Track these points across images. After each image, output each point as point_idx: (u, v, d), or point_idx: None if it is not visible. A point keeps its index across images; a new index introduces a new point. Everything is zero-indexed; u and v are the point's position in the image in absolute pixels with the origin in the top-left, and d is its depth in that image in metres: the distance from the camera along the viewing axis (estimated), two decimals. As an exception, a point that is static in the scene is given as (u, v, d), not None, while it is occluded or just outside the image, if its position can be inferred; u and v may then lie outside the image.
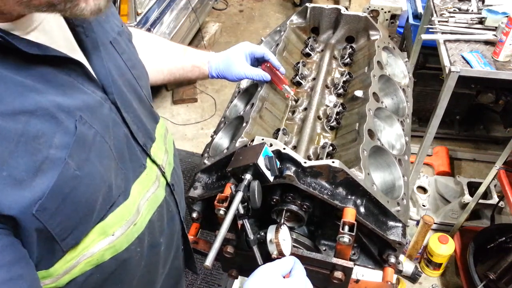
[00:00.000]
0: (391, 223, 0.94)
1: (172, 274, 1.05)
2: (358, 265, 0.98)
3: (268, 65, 1.19)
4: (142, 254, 0.85)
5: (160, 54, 1.22)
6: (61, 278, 0.71)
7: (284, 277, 0.80)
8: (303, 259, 0.92)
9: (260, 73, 1.17)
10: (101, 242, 0.75)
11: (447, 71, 1.93)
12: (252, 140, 0.94)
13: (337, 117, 1.15)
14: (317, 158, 1.05)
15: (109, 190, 0.73)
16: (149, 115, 0.93)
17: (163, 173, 0.93)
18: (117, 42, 0.86)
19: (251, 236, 0.85)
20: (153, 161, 0.89)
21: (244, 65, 1.18)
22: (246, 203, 0.83)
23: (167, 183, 0.95)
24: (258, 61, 1.23)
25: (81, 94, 0.70)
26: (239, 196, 0.82)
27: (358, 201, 0.91)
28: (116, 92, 0.78)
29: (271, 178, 0.86)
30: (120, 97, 0.80)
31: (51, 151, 0.62)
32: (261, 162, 0.84)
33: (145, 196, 0.85)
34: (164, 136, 1.00)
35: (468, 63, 1.94)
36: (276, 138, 1.05)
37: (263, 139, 0.92)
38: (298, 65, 1.33)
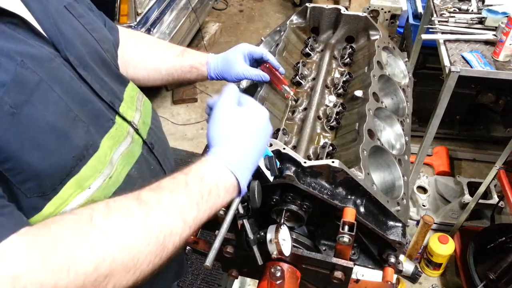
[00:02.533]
0: (391, 223, 0.94)
1: None
2: (358, 265, 0.98)
3: (267, 65, 1.19)
4: None
5: (158, 54, 1.23)
6: None
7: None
8: (303, 259, 0.92)
9: (259, 74, 1.17)
10: (79, 196, 0.77)
11: (447, 71, 1.93)
12: (252, 140, 0.94)
13: (337, 117, 1.15)
14: (317, 158, 1.05)
15: (66, 138, 0.74)
16: (115, 78, 0.96)
17: (136, 130, 0.95)
18: (73, 7, 0.91)
19: (251, 236, 0.85)
20: (123, 118, 0.92)
21: (243, 65, 1.18)
22: (246, 203, 0.83)
23: (144, 141, 0.97)
24: (257, 62, 1.23)
25: (25, 45, 0.72)
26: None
27: (358, 201, 0.91)
28: (69, 50, 0.81)
29: (271, 178, 0.86)
30: (75, 56, 0.82)
31: None
32: (261, 162, 0.84)
33: (118, 151, 0.87)
34: (137, 99, 1.03)
35: (468, 63, 1.94)
36: (276, 138, 1.05)
37: (263, 139, 0.92)
38: (298, 65, 1.33)
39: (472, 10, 2.27)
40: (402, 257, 0.99)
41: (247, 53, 1.20)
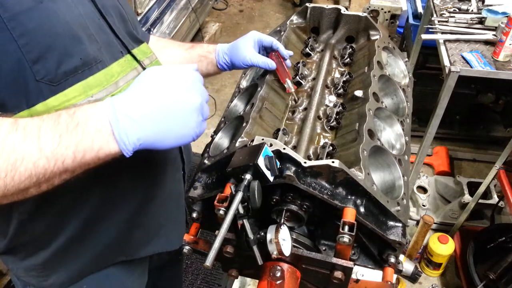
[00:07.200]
0: (391, 223, 0.94)
1: (173, 197, 1.18)
2: (358, 265, 0.98)
3: (276, 54, 1.20)
4: None
5: (171, 50, 1.28)
6: None
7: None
8: (303, 259, 0.92)
9: (266, 61, 1.19)
10: (81, 102, 0.85)
11: (447, 71, 1.93)
12: (252, 140, 0.94)
13: (337, 117, 1.15)
14: (317, 158, 1.05)
15: (79, 42, 0.83)
16: (131, 35, 1.03)
17: (144, 69, 1.00)
18: None
19: (251, 236, 0.85)
20: (134, 57, 0.99)
21: (251, 51, 1.20)
22: (246, 203, 0.83)
23: None
24: (266, 51, 1.26)
25: None
26: (239, 196, 0.82)
27: (358, 201, 0.91)
28: None
29: (271, 178, 0.86)
30: (99, 1, 0.92)
31: None
32: (261, 162, 0.84)
33: (125, 78, 0.94)
34: (151, 56, 1.08)
35: (468, 63, 1.94)
36: (276, 138, 1.05)
37: (263, 139, 0.92)
38: (298, 65, 1.33)
39: (472, 10, 2.27)
40: (402, 257, 0.99)
41: (257, 39, 1.22)
